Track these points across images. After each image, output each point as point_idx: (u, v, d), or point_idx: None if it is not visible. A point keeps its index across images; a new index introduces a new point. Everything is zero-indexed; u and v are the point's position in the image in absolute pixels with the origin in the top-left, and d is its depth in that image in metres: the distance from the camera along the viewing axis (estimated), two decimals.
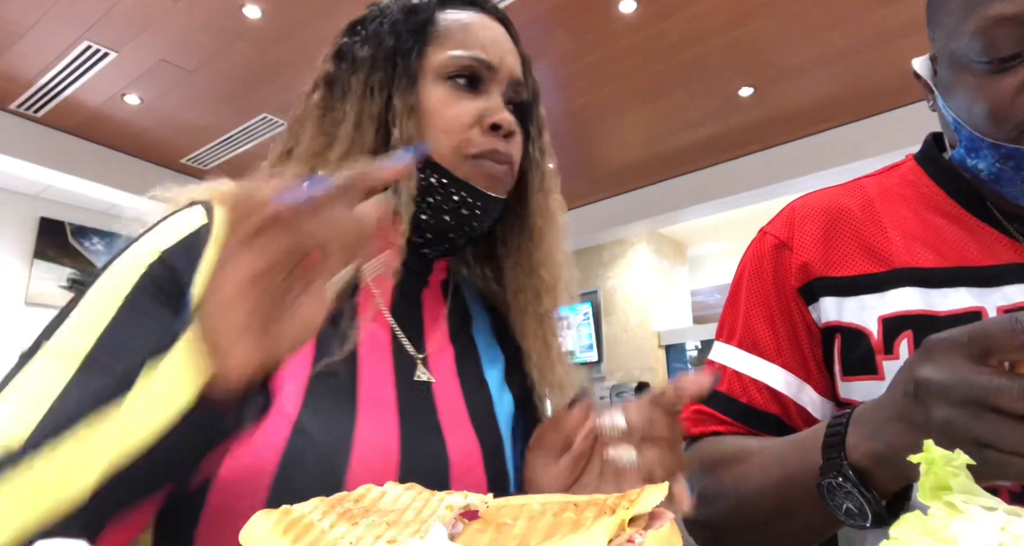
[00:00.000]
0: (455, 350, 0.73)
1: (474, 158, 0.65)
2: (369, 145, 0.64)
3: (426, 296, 0.73)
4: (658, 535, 0.34)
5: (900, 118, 4.47)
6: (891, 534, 0.35)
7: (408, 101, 0.65)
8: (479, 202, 0.66)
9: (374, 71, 0.67)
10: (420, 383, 0.66)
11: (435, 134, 0.65)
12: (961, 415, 0.42)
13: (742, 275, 0.81)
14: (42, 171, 4.61)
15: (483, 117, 0.66)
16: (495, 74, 0.68)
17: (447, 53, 0.67)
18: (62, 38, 3.60)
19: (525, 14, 3.48)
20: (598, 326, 6.32)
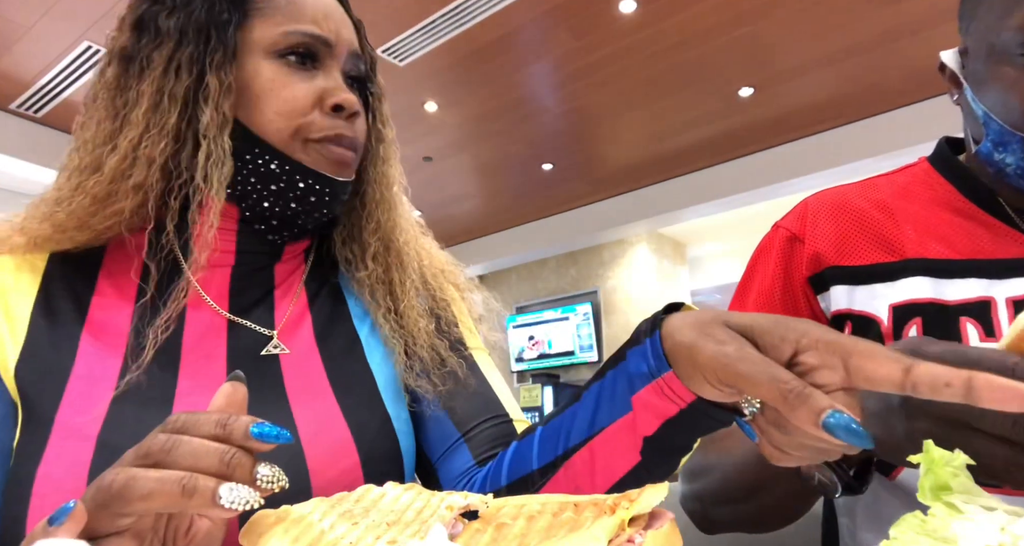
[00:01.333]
0: (312, 315, 0.69)
1: (318, 142, 0.61)
2: (170, 128, 0.57)
3: (279, 270, 0.68)
4: (658, 535, 0.34)
5: (900, 118, 4.47)
6: (891, 534, 0.35)
7: (224, 78, 0.58)
8: (328, 188, 0.62)
9: (182, 45, 0.58)
10: (264, 358, 0.62)
11: (268, 116, 0.59)
12: (943, 431, 0.43)
13: (753, 267, 0.82)
14: (42, 171, 4.60)
15: (324, 98, 0.61)
16: (331, 50, 0.63)
17: (278, 29, 0.61)
18: (62, 38, 3.60)
19: (525, 14, 3.48)
20: (598, 326, 6.32)
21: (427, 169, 5.25)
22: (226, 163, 0.58)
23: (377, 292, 0.70)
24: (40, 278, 0.60)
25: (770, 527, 0.67)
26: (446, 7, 3.40)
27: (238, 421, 0.36)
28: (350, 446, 0.60)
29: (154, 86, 0.58)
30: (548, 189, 5.83)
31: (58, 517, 0.33)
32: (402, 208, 0.74)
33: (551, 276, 6.84)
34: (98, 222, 0.59)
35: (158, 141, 0.57)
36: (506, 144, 4.92)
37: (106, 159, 0.58)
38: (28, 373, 0.54)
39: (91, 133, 0.60)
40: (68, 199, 0.59)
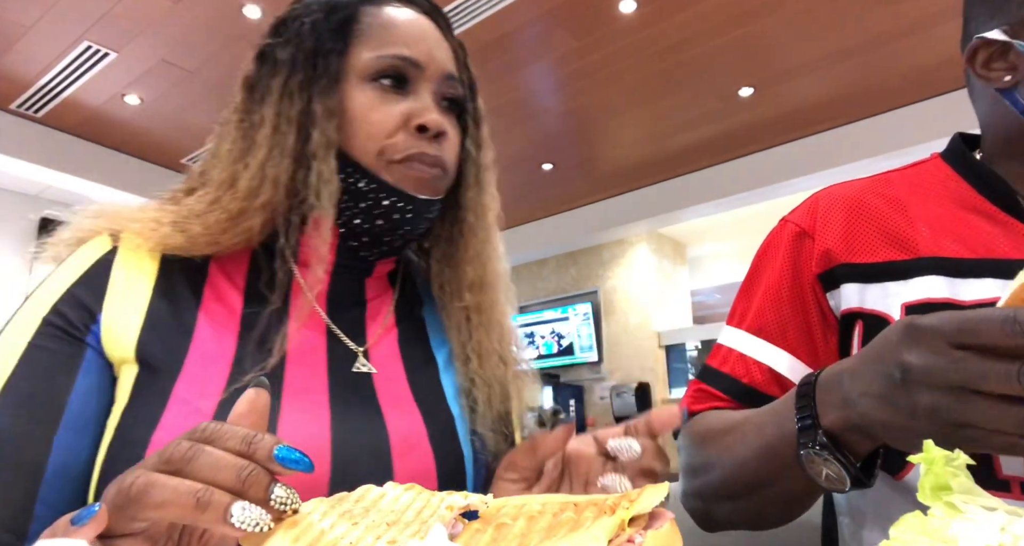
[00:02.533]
0: (399, 333, 0.72)
1: (400, 163, 0.64)
2: (290, 150, 0.62)
3: (369, 285, 0.72)
4: (658, 535, 0.34)
5: (900, 118, 4.48)
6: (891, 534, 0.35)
7: (328, 104, 0.63)
8: (410, 205, 0.65)
9: (294, 73, 0.64)
10: (359, 375, 0.65)
11: (359, 139, 0.63)
12: (946, 400, 0.42)
13: (759, 262, 0.80)
14: (42, 171, 4.61)
15: (409, 119, 0.64)
16: (422, 72, 0.65)
17: (370, 53, 0.64)
18: (62, 38, 3.60)
19: (525, 14, 3.48)
20: (598, 326, 6.32)
21: None
22: (332, 182, 0.62)
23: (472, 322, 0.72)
24: (158, 264, 0.63)
25: (772, 524, 0.67)
26: (446, 7, 3.40)
27: (264, 441, 0.36)
28: (432, 470, 0.64)
29: (273, 110, 0.63)
30: (548, 189, 5.83)
31: (82, 518, 0.33)
32: (496, 240, 0.75)
33: (551, 276, 6.84)
34: (228, 238, 0.62)
35: (280, 161, 0.62)
36: (506, 144, 4.92)
37: (241, 175, 0.62)
38: (149, 344, 0.57)
39: (226, 149, 0.65)
40: (204, 213, 0.62)
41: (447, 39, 0.70)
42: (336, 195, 0.62)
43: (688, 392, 0.80)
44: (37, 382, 0.54)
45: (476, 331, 0.72)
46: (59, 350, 0.56)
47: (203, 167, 0.67)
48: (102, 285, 0.59)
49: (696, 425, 0.74)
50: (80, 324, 0.57)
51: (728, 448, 0.65)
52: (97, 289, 0.59)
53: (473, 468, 0.69)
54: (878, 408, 0.47)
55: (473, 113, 0.73)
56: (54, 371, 0.55)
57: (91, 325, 0.57)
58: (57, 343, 0.56)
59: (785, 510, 0.64)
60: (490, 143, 0.75)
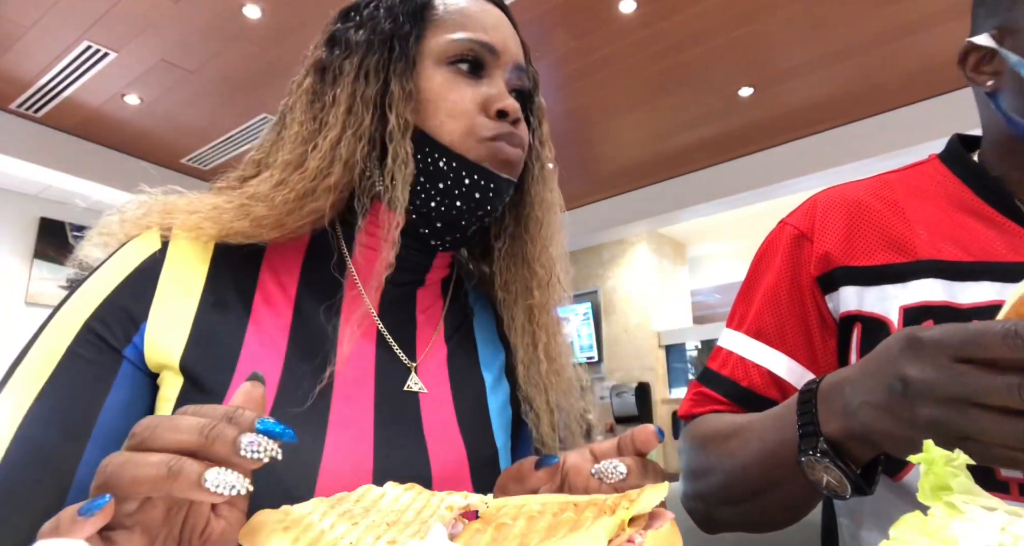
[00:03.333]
0: (448, 351, 0.71)
1: (490, 140, 0.63)
2: (365, 130, 0.61)
3: (421, 296, 0.71)
4: (658, 535, 0.34)
5: (900, 118, 4.47)
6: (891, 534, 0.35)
7: (406, 85, 0.62)
8: (492, 184, 0.64)
9: (369, 54, 0.63)
10: (407, 394, 0.64)
11: (440, 118, 0.63)
12: (947, 413, 0.42)
13: (758, 265, 0.81)
14: (42, 171, 4.61)
15: (488, 103, 0.64)
16: (498, 59, 0.66)
17: (448, 36, 0.64)
18: (62, 38, 3.60)
19: (525, 14, 3.48)
20: (598, 326, 6.32)
21: None
22: (409, 164, 0.61)
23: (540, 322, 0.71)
24: (207, 267, 0.61)
25: (773, 527, 0.67)
26: None
27: (244, 414, 0.35)
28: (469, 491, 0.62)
29: (348, 90, 0.62)
30: None
31: (90, 509, 0.33)
32: (560, 239, 0.74)
33: None
34: (294, 220, 0.61)
35: (354, 143, 0.61)
36: None
37: (309, 156, 0.61)
38: (196, 361, 0.56)
39: (294, 131, 0.63)
40: (269, 195, 0.60)
41: (518, 32, 0.71)
42: (411, 178, 0.61)
43: (688, 395, 0.80)
44: (72, 393, 0.53)
45: (542, 332, 0.71)
46: (96, 360, 0.55)
47: (261, 155, 0.66)
48: (149, 291, 0.57)
49: (697, 428, 0.74)
50: (122, 335, 0.56)
51: (730, 453, 0.65)
52: (143, 296, 0.57)
53: None
54: (879, 419, 0.47)
55: (536, 109, 0.73)
56: (88, 383, 0.54)
57: (133, 336, 0.56)
58: (95, 353, 0.55)
59: (786, 514, 0.64)
60: (551, 142, 0.75)
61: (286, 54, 3.67)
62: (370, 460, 0.58)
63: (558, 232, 0.74)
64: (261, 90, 4.05)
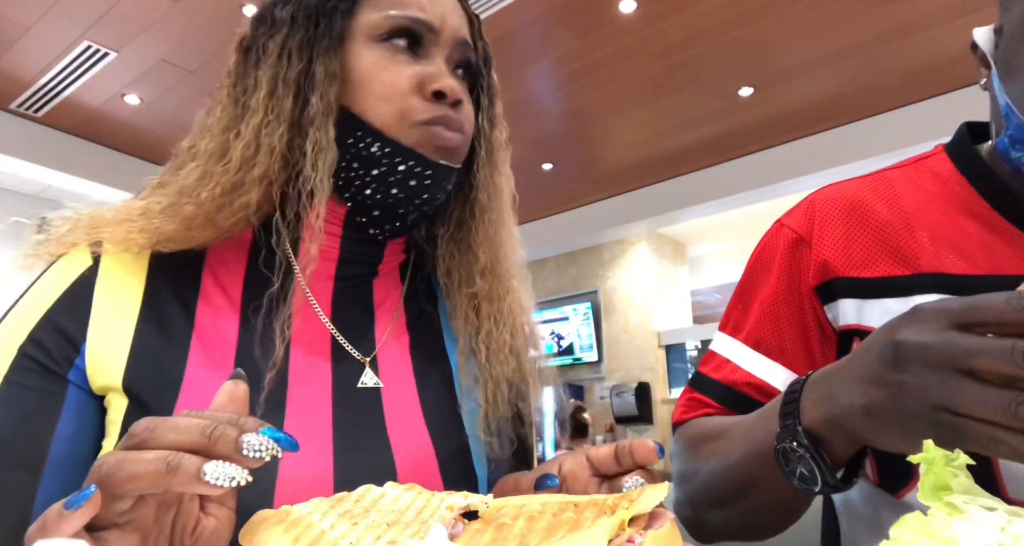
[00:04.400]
0: (411, 340, 0.67)
1: (423, 124, 0.59)
2: (287, 115, 0.57)
3: (377, 287, 0.67)
4: (658, 535, 0.34)
5: (900, 118, 4.48)
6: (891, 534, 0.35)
7: (330, 65, 0.58)
8: (428, 170, 0.60)
9: (294, 31, 0.59)
10: (365, 391, 0.61)
11: (371, 100, 0.59)
12: (934, 378, 0.40)
13: (754, 268, 0.77)
14: (42, 171, 4.61)
15: (424, 84, 0.59)
16: (436, 36, 0.61)
17: (381, 13, 0.60)
18: (62, 38, 3.60)
19: (525, 14, 3.48)
20: (598, 326, 6.32)
21: None
22: (330, 151, 0.57)
23: (481, 311, 0.67)
24: (144, 280, 0.58)
25: (762, 534, 0.65)
26: None
27: (248, 422, 0.35)
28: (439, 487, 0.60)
29: (270, 72, 0.59)
30: (548, 189, 5.83)
31: (76, 501, 0.32)
32: (510, 222, 0.70)
33: (551, 276, 6.84)
34: (225, 218, 0.57)
35: (276, 128, 0.57)
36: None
37: (232, 145, 0.57)
38: (139, 381, 0.53)
39: (215, 119, 0.60)
40: (195, 189, 0.57)
41: (463, 6, 0.67)
42: (334, 166, 0.58)
43: (680, 401, 0.78)
44: (18, 424, 0.50)
45: (486, 321, 0.67)
46: (39, 388, 0.52)
47: (191, 142, 0.62)
48: (85, 310, 0.54)
49: (687, 431, 0.72)
50: (61, 358, 0.53)
51: (716, 453, 0.63)
52: (79, 315, 0.54)
53: (488, 477, 0.66)
54: (863, 392, 0.46)
55: (487, 88, 0.69)
56: (34, 412, 0.51)
57: (74, 358, 0.53)
58: (36, 379, 0.52)
59: (773, 518, 0.63)
60: (503, 122, 0.71)
61: None
62: (330, 466, 0.56)
63: (508, 216, 0.69)
64: None
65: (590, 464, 0.48)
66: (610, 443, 0.49)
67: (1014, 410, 0.37)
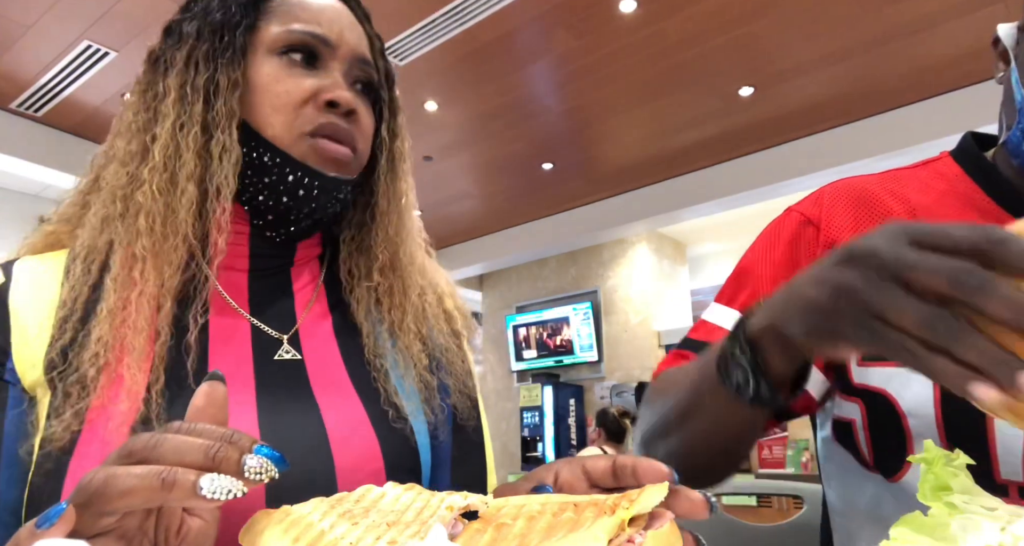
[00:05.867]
0: (334, 317, 0.70)
1: (310, 135, 0.62)
2: (198, 117, 0.61)
3: (296, 274, 0.70)
4: (658, 535, 0.34)
5: (900, 118, 4.47)
6: (891, 534, 0.35)
7: (231, 75, 0.61)
8: (316, 182, 0.63)
9: (199, 44, 0.63)
10: (288, 363, 0.63)
11: (264, 111, 0.62)
12: (868, 280, 0.40)
13: (759, 245, 0.79)
14: (42, 171, 4.61)
15: (318, 94, 0.63)
16: (334, 51, 0.65)
17: (280, 27, 0.64)
18: (62, 38, 3.60)
19: (525, 14, 3.48)
20: (598, 326, 6.32)
21: (427, 169, 5.25)
22: (233, 151, 0.60)
23: (382, 305, 0.71)
24: (61, 277, 0.61)
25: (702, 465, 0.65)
26: (446, 7, 3.40)
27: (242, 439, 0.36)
28: (376, 451, 0.61)
29: (178, 80, 0.62)
30: (548, 189, 5.83)
31: (48, 519, 0.32)
32: (410, 224, 0.74)
33: (551, 276, 6.84)
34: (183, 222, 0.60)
35: (190, 129, 0.60)
36: (506, 144, 4.92)
37: (151, 147, 0.61)
38: (57, 362, 0.55)
39: (127, 121, 0.64)
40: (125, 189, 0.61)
41: (363, 26, 0.70)
42: (238, 166, 0.61)
43: (666, 359, 0.78)
44: None
45: (388, 314, 0.70)
46: None
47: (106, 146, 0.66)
48: (3, 317, 0.57)
49: (657, 381, 0.74)
50: None
51: (674, 384, 0.65)
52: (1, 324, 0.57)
53: (428, 436, 0.67)
54: (804, 288, 0.46)
55: (389, 102, 0.72)
56: None
57: (6, 362, 0.56)
58: None
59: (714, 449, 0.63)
60: (406, 133, 0.74)
61: None
62: (255, 428, 0.57)
63: (408, 221, 0.73)
64: None
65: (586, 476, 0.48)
66: (609, 456, 0.49)
67: (933, 324, 0.36)
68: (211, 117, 0.61)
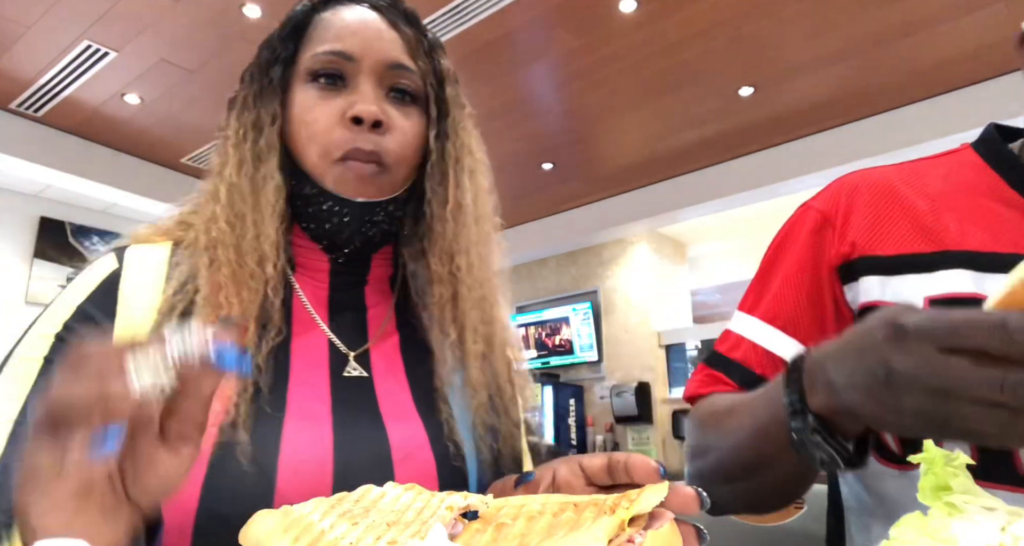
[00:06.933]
0: (401, 337, 0.71)
1: (339, 161, 0.63)
2: (250, 156, 0.64)
3: (369, 292, 0.72)
4: (658, 535, 0.34)
5: (901, 117, 4.47)
6: (891, 534, 0.35)
7: (270, 110, 0.65)
8: (346, 209, 0.65)
9: (252, 84, 0.67)
10: (361, 381, 0.65)
11: (301, 142, 0.64)
12: (931, 402, 0.41)
13: (777, 248, 0.78)
14: (42, 171, 4.60)
15: (344, 112, 0.63)
16: (358, 64, 0.64)
17: (308, 53, 0.66)
18: (62, 37, 3.60)
19: (525, 14, 3.48)
20: (598, 326, 6.32)
21: None
22: (275, 178, 0.64)
23: (445, 319, 0.70)
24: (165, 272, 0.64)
25: (769, 507, 0.66)
26: (446, 7, 3.40)
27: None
28: (432, 474, 0.63)
29: (237, 122, 0.66)
30: (548, 189, 5.83)
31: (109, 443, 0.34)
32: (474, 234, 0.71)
33: (551, 276, 6.84)
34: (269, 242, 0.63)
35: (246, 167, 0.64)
36: (506, 144, 4.92)
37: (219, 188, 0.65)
38: None
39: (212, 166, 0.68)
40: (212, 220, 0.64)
41: (398, 29, 0.68)
42: (281, 193, 0.64)
43: (694, 376, 0.78)
44: None
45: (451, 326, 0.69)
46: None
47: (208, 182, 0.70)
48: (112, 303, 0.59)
49: (700, 408, 0.73)
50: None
51: (726, 431, 0.64)
52: (108, 307, 0.59)
53: (477, 470, 0.68)
54: (865, 402, 0.46)
55: (438, 102, 0.70)
56: None
57: None
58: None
59: (781, 493, 0.64)
60: (461, 132, 0.71)
61: None
62: (330, 440, 0.60)
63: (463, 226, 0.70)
64: None
65: (583, 473, 0.49)
66: (604, 453, 0.49)
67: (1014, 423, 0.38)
68: (258, 152, 0.64)
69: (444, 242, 0.69)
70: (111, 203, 5.17)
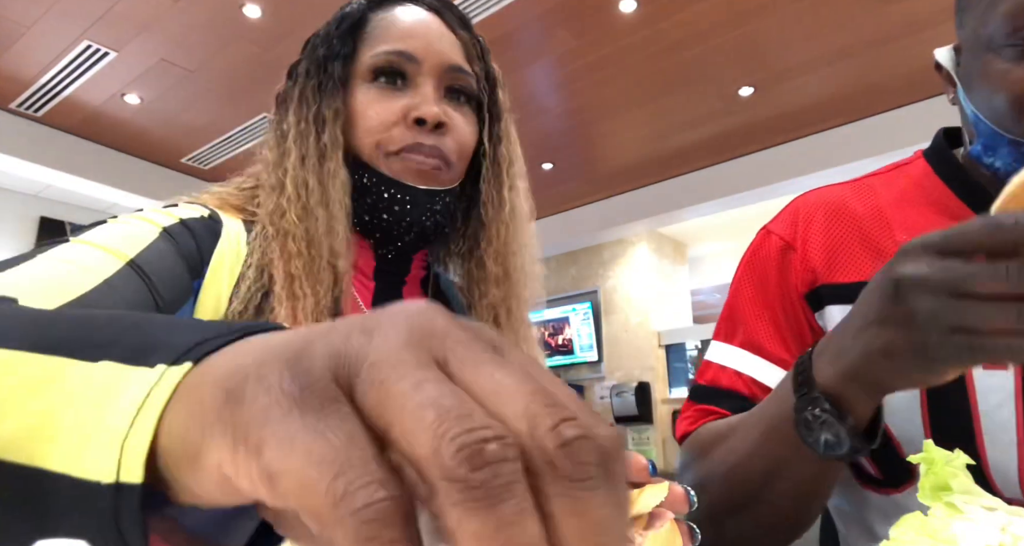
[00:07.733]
0: None
1: (396, 154, 0.65)
2: (314, 151, 0.66)
3: (406, 293, 0.74)
4: (658, 535, 0.34)
5: (900, 118, 4.47)
6: (891, 534, 0.35)
7: (333, 106, 0.66)
8: (408, 196, 0.66)
9: (308, 80, 0.68)
10: None
11: (360, 136, 0.66)
12: (941, 302, 0.42)
13: (744, 275, 0.78)
14: (42, 171, 4.60)
15: (408, 113, 0.66)
16: (420, 66, 0.67)
17: (369, 52, 0.67)
18: (62, 38, 3.60)
19: (525, 14, 3.48)
20: (598, 326, 6.32)
21: None
22: (340, 174, 0.65)
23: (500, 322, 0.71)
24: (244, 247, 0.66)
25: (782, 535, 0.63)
26: None
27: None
28: None
29: (296, 117, 0.68)
30: (548, 189, 5.83)
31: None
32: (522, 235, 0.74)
33: (551, 276, 6.84)
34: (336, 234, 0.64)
35: (310, 160, 0.65)
36: None
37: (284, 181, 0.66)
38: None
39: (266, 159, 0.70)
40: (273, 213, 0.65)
41: (455, 33, 0.71)
42: (347, 188, 0.65)
43: (685, 415, 0.76)
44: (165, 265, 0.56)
45: (504, 332, 0.71)
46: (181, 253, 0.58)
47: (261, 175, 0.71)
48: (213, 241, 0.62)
49: (696, 437, 0.71)
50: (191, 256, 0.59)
51: (730, 448, 0.63)
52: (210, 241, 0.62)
53: None
54: (875, 336, 0.46)
55: (492, 106, 0.74)
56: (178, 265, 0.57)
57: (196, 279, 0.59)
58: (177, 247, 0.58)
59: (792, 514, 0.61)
60: (513, 137, 0.75)
61: (286, 54, 3.64)
62: None
63: (520, 229, 0.74)
64: (261, 90, 4.05)
65: None
66: None
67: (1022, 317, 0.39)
68: (322, 147, 0.66)
69: (499, 243, 0.72)
70: (111, 203, 5.17)
